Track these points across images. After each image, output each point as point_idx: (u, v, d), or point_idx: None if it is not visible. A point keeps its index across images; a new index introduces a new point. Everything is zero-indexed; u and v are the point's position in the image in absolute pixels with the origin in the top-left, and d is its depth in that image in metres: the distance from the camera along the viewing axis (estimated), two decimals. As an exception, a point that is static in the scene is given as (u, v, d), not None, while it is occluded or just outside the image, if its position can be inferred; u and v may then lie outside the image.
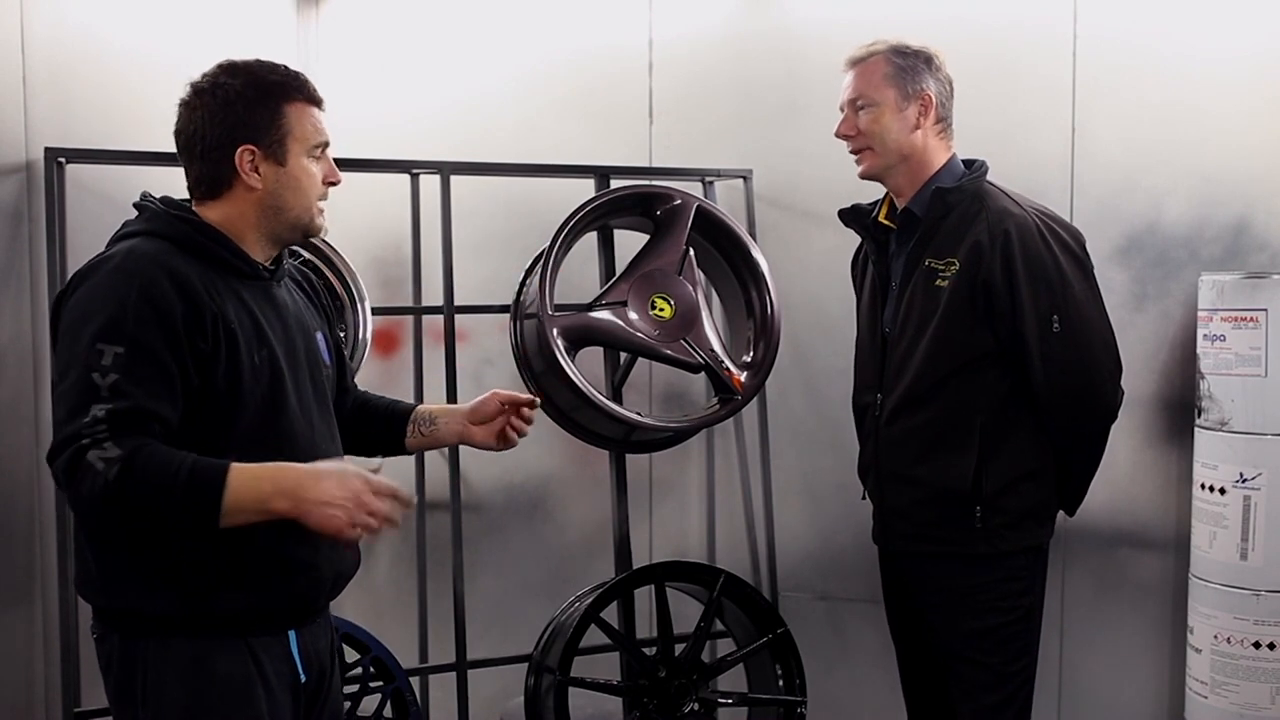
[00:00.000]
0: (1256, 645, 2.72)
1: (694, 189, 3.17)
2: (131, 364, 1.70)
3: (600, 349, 2.94)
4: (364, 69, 3.60)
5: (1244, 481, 2.72)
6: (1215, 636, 2.77)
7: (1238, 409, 2.72)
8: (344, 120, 2.01)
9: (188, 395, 1.76)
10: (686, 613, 2.98)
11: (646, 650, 2.87)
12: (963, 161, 2.47)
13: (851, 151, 2.48)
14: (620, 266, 2.94)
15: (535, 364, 2.89)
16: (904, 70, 2.40)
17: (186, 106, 1.90)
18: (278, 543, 1.84)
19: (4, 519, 2.74)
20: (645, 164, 3.40)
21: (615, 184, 3.04)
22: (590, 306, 2.81)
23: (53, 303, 1.86)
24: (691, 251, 2.87)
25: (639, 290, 2.80)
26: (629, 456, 3.08)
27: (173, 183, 2.09)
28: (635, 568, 2.90)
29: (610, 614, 2.83)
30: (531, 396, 2.19)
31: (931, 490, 2.42)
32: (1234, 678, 2.74)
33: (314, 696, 1.99)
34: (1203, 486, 2.82)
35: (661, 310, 2.81)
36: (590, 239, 3.00)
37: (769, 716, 2.95)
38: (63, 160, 2.73)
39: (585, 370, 2.75)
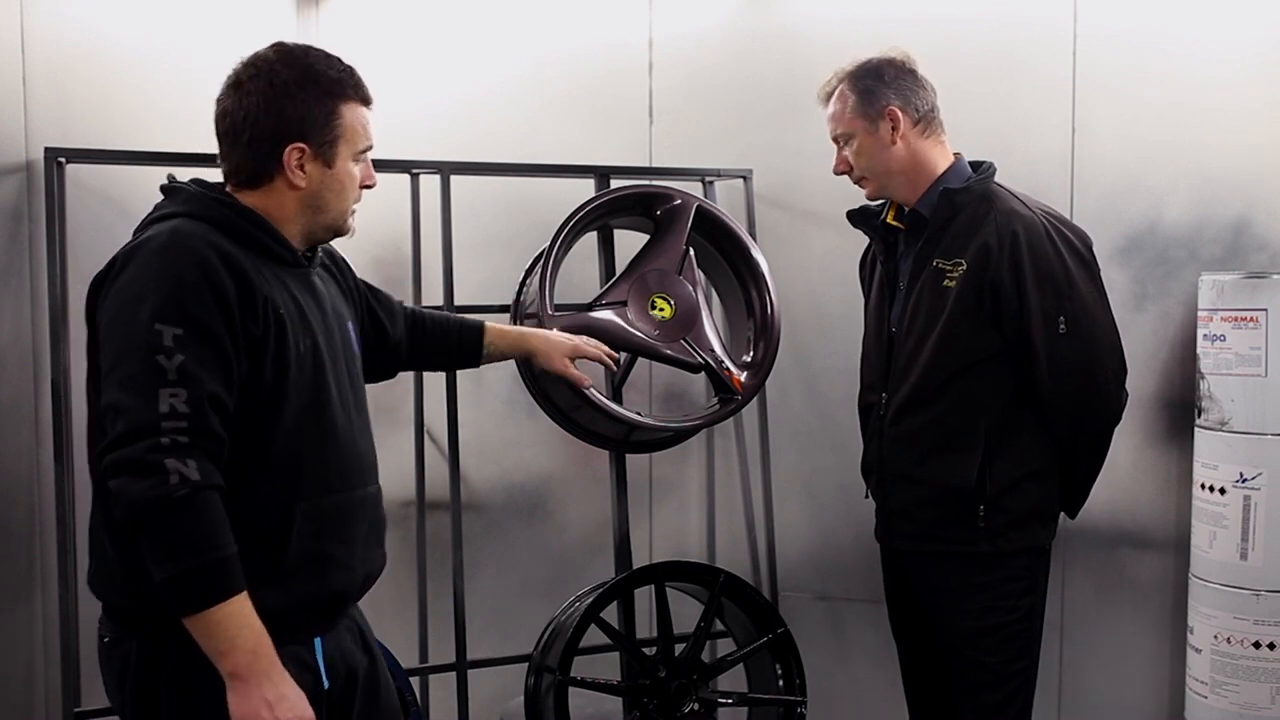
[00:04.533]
0: (1256, 645, 2.72)
1: (694, 189, 3.17)
2: (193, 345, 1.64)
3: (600, 349, 2.94)
4: (364, 69, 3.58)
5: (1244, 481, 2.72)
6: (1215, 636, 2.77)
7: (1238, 409, 2.73)
8: (344, 120, 2.01)
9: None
10: (686, 613, 2.98)
11: (646, 650, 2.87)
12: (970, 163, 2.48)
13: (854, 182, 2.52)
14: (620, 266, 2.93)
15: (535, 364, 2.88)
16: (863, 95, 2.43)
17: (236, 90, 1.81)
18: (315, 539, 1.80)
19: (4, 519, 2.74)
20: (645, 164, 3.40)
21: (615, 184, 3.04)
22: (590, 306, 2.80)
23: (91, 285, 1.76)
24: (691, 251, 2.87)
25: (639, 290, 2.80)
26: (629, 456, 3.07)
27: (173, 183, 2.10)
28: (635, 568, 2.90)
29: (610, 614, 2.83)
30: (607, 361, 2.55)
31: (935, 490, 2.42)
32: (1234, 678, 2.74)
33: (342, 699, 1.93)
34: (1203, 486, 2.82)
35: (661, 310, 2.81)
36: (590, 239, 3.00)
37: (769, 716, 2.95)
38: (63, 160, 2.73)
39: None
